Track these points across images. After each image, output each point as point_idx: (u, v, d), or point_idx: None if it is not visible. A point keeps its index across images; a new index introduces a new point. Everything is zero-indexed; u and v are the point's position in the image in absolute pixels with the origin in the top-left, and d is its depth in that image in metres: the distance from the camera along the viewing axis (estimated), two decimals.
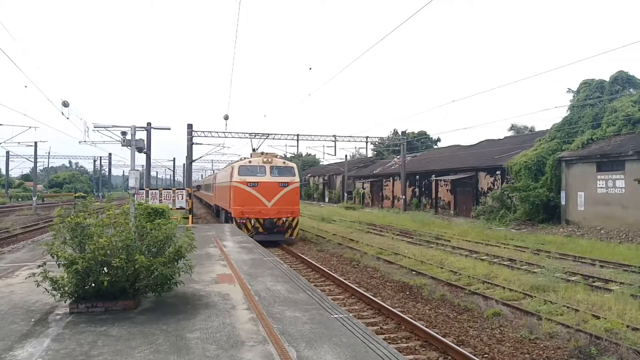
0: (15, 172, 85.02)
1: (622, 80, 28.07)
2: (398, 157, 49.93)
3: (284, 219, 20.95)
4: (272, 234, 20.70)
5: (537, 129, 50.52)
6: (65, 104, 24.24)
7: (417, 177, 44.57)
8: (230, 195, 22.36)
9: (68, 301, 6.52)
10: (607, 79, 28.60)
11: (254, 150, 29.43)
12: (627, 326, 8.82)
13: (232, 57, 70.53)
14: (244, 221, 20.45)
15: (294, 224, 21.29)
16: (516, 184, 28.82)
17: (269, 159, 21.63)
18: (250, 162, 21.90)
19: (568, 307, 10.15)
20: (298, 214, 21.65)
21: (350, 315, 6.45)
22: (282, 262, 11.03)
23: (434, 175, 40.85)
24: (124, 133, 10.48)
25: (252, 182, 20.95)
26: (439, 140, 70.97)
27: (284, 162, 22.23)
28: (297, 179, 21.81)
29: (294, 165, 22.72)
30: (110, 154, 74.60)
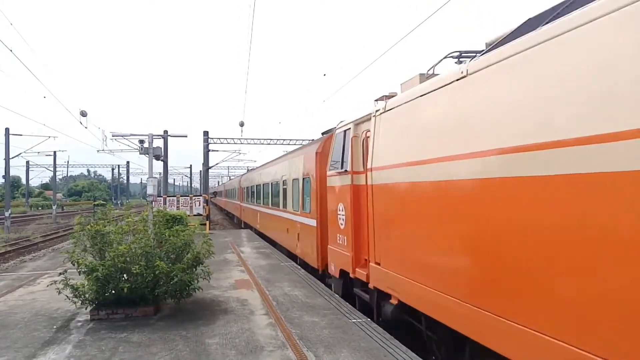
0: (35, 182, 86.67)
1: None
2: None
3: None
4: None
5: None
6: (84, 114, 24.58)
7: None
8: None
9: (89, 308, 6.61)
10: None
11: None
12: None
13: (246, 65, 70.97)
14: None
15: None
16: None
17: None
18: None
19: None
20: None
21: (369, 319, 6.41)
22: (299, 267, 11.01)
23: None
24: (141, 141, 10.59)
25: None
26: None
27: None
28: None
29: None
30: (128, 162, 75.46)
